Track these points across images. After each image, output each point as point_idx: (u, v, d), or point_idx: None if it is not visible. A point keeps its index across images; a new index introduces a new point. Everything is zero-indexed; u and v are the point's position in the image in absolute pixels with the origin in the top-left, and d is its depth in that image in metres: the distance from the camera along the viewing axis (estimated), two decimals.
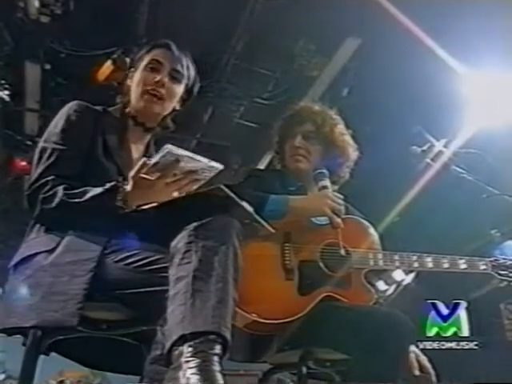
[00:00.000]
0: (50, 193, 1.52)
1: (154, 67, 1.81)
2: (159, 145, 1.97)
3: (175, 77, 1.82)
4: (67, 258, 1.45)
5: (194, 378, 1.07)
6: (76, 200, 1.50)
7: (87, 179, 1.58)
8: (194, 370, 1.09)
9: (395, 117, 4.39)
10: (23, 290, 1.45)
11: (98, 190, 1.50)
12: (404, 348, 1.75)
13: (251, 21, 3.98)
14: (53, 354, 1.62)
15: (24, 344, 1.50)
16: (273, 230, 1.55)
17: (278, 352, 1.84)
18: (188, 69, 1.87)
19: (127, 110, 1.83)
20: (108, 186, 1.50)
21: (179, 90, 1.85)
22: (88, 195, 1.50)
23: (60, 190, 1.52)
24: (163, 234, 1.37)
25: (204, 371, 1.09)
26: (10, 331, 1.48)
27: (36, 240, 1.56)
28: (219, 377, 1.10)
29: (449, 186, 3.37)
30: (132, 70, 1.87)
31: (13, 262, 1.54)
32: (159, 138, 1.96)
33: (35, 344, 1.42)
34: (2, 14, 3.79)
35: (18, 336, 1.51)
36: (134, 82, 1.82)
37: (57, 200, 1.51)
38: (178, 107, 1.89)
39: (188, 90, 1.90)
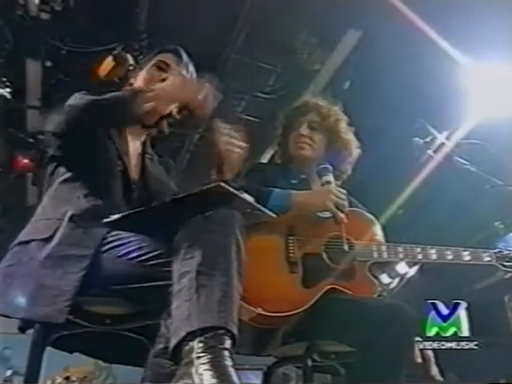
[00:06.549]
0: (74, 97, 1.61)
1: (160, 67, 1.83)
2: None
3: None
4: (62, 251, 1.43)
5: (208, 374, 1.07)
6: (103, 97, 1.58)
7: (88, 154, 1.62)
8: (206, 366, 1.08)
9: (397, 109, 4.37)
10: (16, 278, 1.43)
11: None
12: (409, 339, 1.75)
13: (252, 15, 3.97)
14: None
15: (20, 328, 1.51)
16: (274, 215, 1.54)
17: (282, 345, 1.85)
18: (192, 77, 1.88)
19: None
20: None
21: None
22: (113, 95, 1.62)
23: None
24: (166, 229, 1.37)
25: (217, 367, 1.08)
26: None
27: (35, 225, 1.55)
28: (232, 372, 1.09)
29: (452, 178, 3.35)
30: (137, 70, 1.89)
31: (12, 244, 1.52)
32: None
33: (40, 339, 1.42)
34: (2, 12, 3.78)
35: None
36: (139, 80, 1.84)
37: (84, 101, 1.57)
38: (174, 112, 1.84)
39: None
